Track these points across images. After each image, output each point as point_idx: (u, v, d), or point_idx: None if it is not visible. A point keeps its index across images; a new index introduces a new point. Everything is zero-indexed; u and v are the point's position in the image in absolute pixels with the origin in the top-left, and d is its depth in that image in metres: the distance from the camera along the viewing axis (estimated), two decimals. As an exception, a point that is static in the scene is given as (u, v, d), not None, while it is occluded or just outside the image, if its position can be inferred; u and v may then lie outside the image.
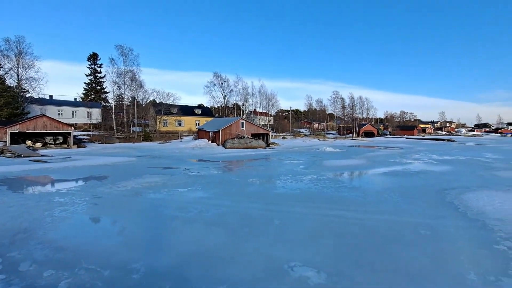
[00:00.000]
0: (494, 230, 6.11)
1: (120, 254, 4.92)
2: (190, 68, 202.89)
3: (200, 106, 64.22)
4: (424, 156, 23.28)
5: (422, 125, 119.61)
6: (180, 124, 53.12)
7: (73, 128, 29.43)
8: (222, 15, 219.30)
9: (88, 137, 34.64)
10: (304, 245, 5.41)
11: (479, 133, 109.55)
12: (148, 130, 41.44)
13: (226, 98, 59.90)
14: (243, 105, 60.92)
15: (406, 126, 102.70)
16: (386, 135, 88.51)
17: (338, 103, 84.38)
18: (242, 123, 34.39)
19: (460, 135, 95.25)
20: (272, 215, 7.25)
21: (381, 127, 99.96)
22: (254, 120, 62.75)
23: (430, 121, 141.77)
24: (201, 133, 39.37)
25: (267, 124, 61.63)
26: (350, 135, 74.86)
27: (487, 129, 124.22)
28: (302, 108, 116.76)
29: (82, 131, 39.39)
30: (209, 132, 35.28)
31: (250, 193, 9.96)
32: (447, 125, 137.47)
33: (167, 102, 46.92)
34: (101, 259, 4.64)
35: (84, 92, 56.65)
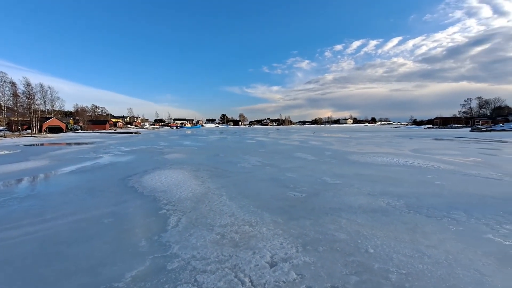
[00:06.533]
0: (160, 200, 7.97)
1: None
2: None
3: None
4: (114, 149, 24.52)
5: (114, 120, 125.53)
6: None
7: None
8: None
9: None
10: None
11: (158, 126, 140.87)
12: None
13: None
14: None
15: (99, 121, 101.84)
16: (77, 130, 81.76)
17: (7, 89, 61.59)
18: None
19: (145, 129, 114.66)
20: None
21: (71, 121, 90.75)
22: None
23: (121, 116, 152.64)
24: None
25: None
26: (29, 131, 58.97)
27: (162, 123, 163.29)
28: None
29: None
30: None
31: None
32: (135, 120, 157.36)
33: None
34: None
35: None
